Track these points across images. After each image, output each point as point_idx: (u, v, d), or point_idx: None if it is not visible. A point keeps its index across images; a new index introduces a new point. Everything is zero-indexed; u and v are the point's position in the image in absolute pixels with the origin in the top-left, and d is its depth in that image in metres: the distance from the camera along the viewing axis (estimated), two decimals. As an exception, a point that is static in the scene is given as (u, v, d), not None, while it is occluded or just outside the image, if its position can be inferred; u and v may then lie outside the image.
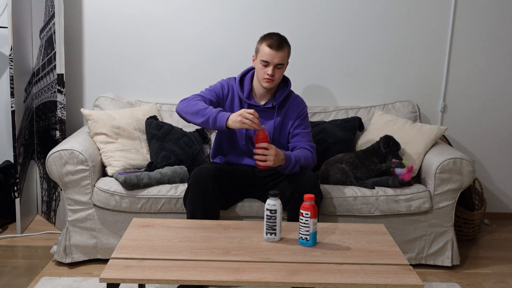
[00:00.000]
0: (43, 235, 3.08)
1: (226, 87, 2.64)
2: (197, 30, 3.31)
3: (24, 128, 3.14)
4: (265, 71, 2.50)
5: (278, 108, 2.62)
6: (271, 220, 2.01)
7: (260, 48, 2.52)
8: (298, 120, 2.63)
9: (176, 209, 2.64)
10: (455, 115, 3.47)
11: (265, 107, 2.61)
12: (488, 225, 3.48)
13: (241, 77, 2.67)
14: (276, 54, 2.48)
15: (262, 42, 2.52)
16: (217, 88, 2.64)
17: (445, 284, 2.63)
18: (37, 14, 3.16)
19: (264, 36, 2.55)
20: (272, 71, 2.49)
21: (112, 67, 3.34)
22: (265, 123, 2.60)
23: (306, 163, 2.51)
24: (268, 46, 2.48)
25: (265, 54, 2.48)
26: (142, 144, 2.95)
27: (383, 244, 2.05)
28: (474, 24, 3.35)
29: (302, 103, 2.69)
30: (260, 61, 2.51)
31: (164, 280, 1.74)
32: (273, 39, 2.49)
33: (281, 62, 2.51)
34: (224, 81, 2.68)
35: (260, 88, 2.61)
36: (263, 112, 2.61)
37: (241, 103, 2.62)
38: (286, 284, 1.74)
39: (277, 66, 2.50)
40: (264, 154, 2.32)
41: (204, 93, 2.61)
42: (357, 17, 3.32)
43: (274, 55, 2.48)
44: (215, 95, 2.61)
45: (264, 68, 2.50)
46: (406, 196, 2.70)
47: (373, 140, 3.02)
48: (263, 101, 2.64)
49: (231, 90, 2.64)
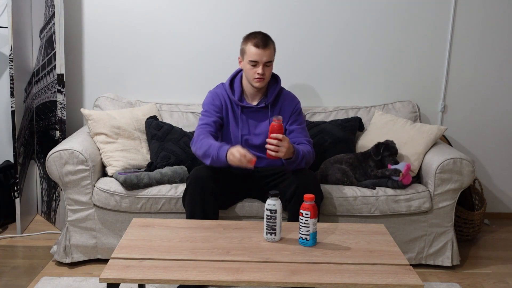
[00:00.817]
0: (43, 235, 3.08)
1: (217, 97, 2.63)
2: (197, 31, 3.31)
3: (24, 128, 3.14)
4: (255, 71, 2.50)
5: (271, 107, 2.62)
6: (271, 220, 2.01)
7: (246, 48, 2.52)
8: (293, 116, 2.63)
9: (176, 209, 2.64)
10: (455, 115, 3.47)
11: (258, 107, 2.61)
12: (488, 225, 3.48)
13: (230, 80, 2.66)
14: (264, 52, 2.48)
15: (247, 42, 2.52)
16: (211, 101, 2.61)
17: (445, 284, 2.63)
18: (37, 14, 3.16)
19: (247, 37, 2.55)
20: (262, 70, 2.49)
21: (112, 67, 3.34)
22: (260, 124, 2.60)
23: (308, 159, 2.51)
24: (254, 45, 2.48)
25: (252, 54, 2.48)
26: (142, 144, 2.95)
27: (383, 244, 2.05)
28: (474, 24, 3.34)
29: (295, 99, 2.69)
30: (248, 62, 2.51)
31: (164, 280, 1.74)
32: (258, 38, 2.49)
33: (270, 60, 2.52)
34: (212, 92, 2.67)
35: (250, 89, 2.61)
36: (257, 113, 2.61)
37: (233, 106, 2.62)
38: (286, 284, 1.74)
39: (266, 64, 2.51)
40: (278, 145, 2.30)
41: (206, 118, 2.58)
42: (357, 17, 3.32)
43: (262, 54, 2.48)
44: (215, 110, 2.59)
45: (253, 68, 2.51)
46: (406, 196, 2.70)
47: (373, 140, 3.02)
48: (255, 101, 2.64)
49: (222, 98, 2.62)
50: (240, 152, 2.25)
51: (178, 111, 3.20)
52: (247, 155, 2.25)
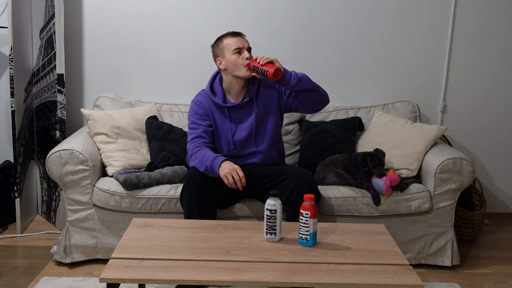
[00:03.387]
0: (43, 235, 3.08)
1: (200, 105, 2.61)
2: (197, 31, 3.31)
3: (24, 128, 3.14)
4: (243, 57, 2.50)
5: (256, 99, 2.61)
6: (271, 220, 2.01)
7: (224, 44, 2.53)
8: (282, 91, 2.61)
9: (176, 209, 2.64)
10: (455, 115, 3.47)
11: (244, 103, 2.59)
12: (488, 225, 3.48)
13: (210, 85, 2.65)
14: (242, 39, 2.53)
15: (222, 40, 2.54)
16: (196, 111, 2.60)
17: (445, 284, 2.63)
18: (37, 14, 3.16)
19: (218, 38, 2.57)
20: (248, 53, 2.51)
21: (112, 67, 3.34)
22: (246, 120, 2.59)
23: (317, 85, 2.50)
24: (231, 36, 2.53)
25: (234, 42, 2.50)
26: (142, 144, 2.95)
27: (383, 244, 2.05)
28: (474, 24, 3.35)
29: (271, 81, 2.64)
30: (232, 52, 2.50)
31: (164, 280, 1.74)
32: (229, 32, 2.54)
33: (250, 47, 2.55)
34: (195, 101, 2.64)
35: (235, 84, 2.58)
36: (243, 109, 2.60)
37: (219, 109, 2.59)
38: (286, 284, 1.74)
39: (248, 49, 2.53)
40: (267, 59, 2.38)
41: (195, 132, 2.56)
42: (357, 17, 3.32)
43: (242, 40, 2.52)
44: (201, 119, 2.58)
45: (239, 56, 2.51)
46: (406, 196, 2.70)
47: (373, 141, 3.02)
48: (240, 98, 2.62)
49: (205, 104, 2.60)
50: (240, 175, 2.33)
51: (178, 111, 3.20)
52: (243, 180, 2.33)
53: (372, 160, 2.73)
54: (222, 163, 2.37)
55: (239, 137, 2.59)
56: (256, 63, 2.42)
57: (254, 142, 2.59)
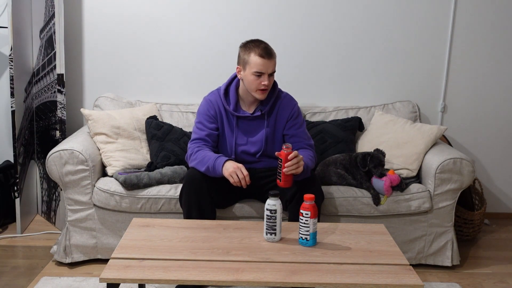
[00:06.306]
0: (43, 235, 3.08)
1: (212, 106, 2.55)
2: (197, 31, 3.31)
3: (24, 128, 3.14)
4: (260, 82, 2.40)
5: (267, 115, 2.55)
6: (271, 220, 2.01)
7: (249, 59, 2.39)
8: (290, 121, 2.56)
9: (176, 209, 2.64)
10: (455, 115, 3.47)
11: (255, 116, 2.54)
12: (488, 225, 3.48)
13: (225, 88, 2.57)
14: (269, 62, 2.39)
15: (249, 52, 2.40)
16: (206, 111, 2.55)
17: (445, 284, 2.63)
18: (37, 14, 3.16)
19: (249, 46, 2.42)
20: (268, 80, 2.41)
21: (112, 67, 3.34)
22: (256, 132, 2.56)
23: (311, 165, 2.48)
24: (259, 56, 2.37)
25: (258, 64, 2.37)
26: (142, 144, 2.95)
27: (383, 244, 2.05)
28: (474, 24, 3.34)
29: (291, 101, 2.59)
30: (252, 73, 2.39)
31: (164, 280, 1.74)
32: (261, 48, 2.38)
33: (274, 70, 2.45)
34: (207, 100, 2.58)
35: (250, 97, 2.52)
36: (253, 121, 2.55)
37: (229, 115, 2.55)
38: (286, 284, 1.74)
39: (270, 74, 2.43)
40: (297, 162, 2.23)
41: (199, 132, 2.53)
42: (357, 17, 3.32)
43: (267, 65, 2.39)
44: (209, 121, 2.54)
45: (258, 79, 2.40)
46: (406, 196, 2.70)
47: (373, 141, 3.02)
48: (252, 109, 2.56)
49: (216, 107, 2.55)
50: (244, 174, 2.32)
51: (178, 111, 3.20)
52: (247, 178, 2.32)
53: (372, 160, 2.73)
54: (225, 162, 2.36)
55: (249, 150, 2.56)
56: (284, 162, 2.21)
57: (258, 158, 2.58)
